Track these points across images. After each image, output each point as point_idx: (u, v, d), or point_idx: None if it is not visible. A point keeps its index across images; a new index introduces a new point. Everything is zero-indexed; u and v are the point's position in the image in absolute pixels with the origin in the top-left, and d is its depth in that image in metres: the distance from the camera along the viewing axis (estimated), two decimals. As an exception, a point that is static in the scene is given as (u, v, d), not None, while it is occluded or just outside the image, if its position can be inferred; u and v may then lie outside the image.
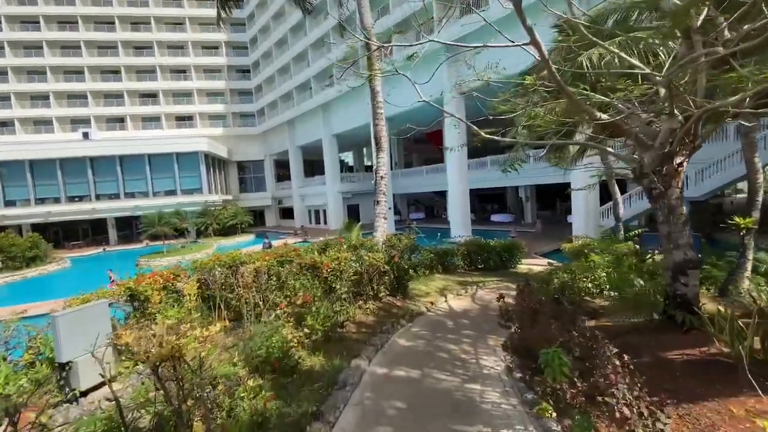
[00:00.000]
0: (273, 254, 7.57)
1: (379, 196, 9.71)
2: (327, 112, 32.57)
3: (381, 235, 9.69)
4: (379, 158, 9.89)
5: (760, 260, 9.45)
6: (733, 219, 9.15)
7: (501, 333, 6.89)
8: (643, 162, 5.11)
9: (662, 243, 5.20)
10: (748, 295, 8.82)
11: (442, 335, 6.77)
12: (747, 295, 8.84)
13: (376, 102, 9.86)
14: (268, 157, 43.81)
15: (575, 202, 19.50)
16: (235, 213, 35.93)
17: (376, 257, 7.74)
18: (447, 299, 9.09)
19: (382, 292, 8.40)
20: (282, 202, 42.68)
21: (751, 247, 8.82)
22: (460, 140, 22.48)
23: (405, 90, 19.65)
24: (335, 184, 33.19)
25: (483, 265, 12.86)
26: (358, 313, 7.57)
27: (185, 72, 45.33)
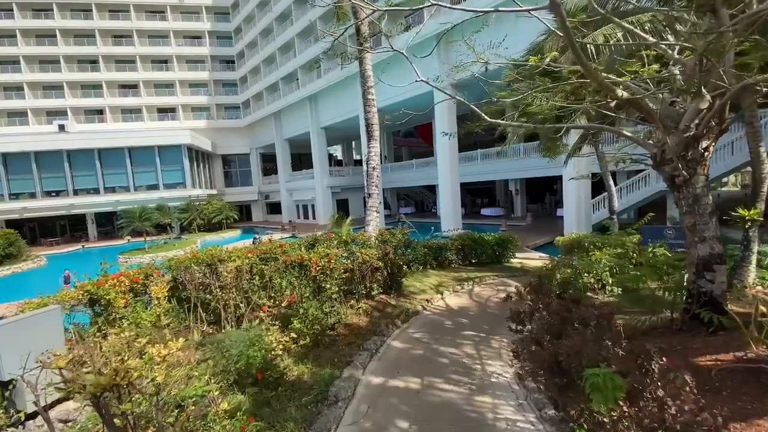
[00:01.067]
0: (257, 251, 6.89)
1: (371, 188, 9.08)
2: (315, 104, 31.61)
3: (373, 229, 9.08)
4: (370, 147, 9.24)
5: (764, 254, 9.15)
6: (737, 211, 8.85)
7: (504, 333, 6.38)
8: (665, 146, 4.59)
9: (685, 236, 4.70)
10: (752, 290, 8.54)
11: (441, 337, 6.22)
12: (751, 289, 8.56)
13: (367, 87, 9.19)
14: (254, 151, 42.55)
15: (567, 195, 19.20)
16: (220, 208, 34.79)
17: (369, 253, 7.14)
18: (443, 296, 8.56)
19: (375, 290, 7.82)
20: (269, 196, 41.57)
21: (756, 240, 8.51)
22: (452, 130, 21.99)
23: (395, 81, 18.91)
24: (324, 178, 32.35)
25: (476, 259, 12.42)
26: (349, 313, 6.97)
27: (167, 62, 43.59)
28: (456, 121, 22.19)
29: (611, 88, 4.20)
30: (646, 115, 4.52)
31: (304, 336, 5.60)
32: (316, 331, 5.84)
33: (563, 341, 2.85)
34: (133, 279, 5.64)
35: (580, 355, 2.47)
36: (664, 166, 4.68)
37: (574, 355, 2.48)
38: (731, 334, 4.28)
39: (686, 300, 4.76)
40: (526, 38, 10.92)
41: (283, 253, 6.79)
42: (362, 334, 6.29)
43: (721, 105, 4.17)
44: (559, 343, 2.88)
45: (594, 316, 2.84)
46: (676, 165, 4.51)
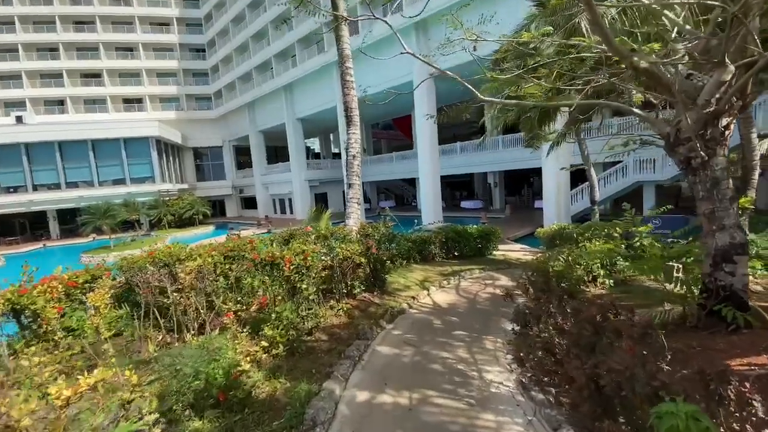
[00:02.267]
0: (222, 248, 6.05)
1: (352, 178, 8.33)
2: (290, 95, 30.34)
3: (354, 222, 8.37)
4: (349, 134, 8.47)
5: (753, 243, 9.01)
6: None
7: (497, 332, 5.85)
8: (680, 125, 4.07)
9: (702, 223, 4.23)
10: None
11: (430, 339, 5.60)
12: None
13: (345, 68, 8.38)
14: (227, 143, 40.72)
15: (546, 186, 19.03)
16: (191, 203, 33.08)
17: (351, 248, 6.42)
18: (429, 293, 7.96)
19: (358, 289, 7.12)
20: (244, 191, 39.95)
21: (746, 229, 8.34)
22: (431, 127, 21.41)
23: (374, 71, 18.17)
24: (301, 171, 31.21)
25: (459, 252, 11.94)
26: (329, 315, 6.25)
27: (132, 50, 40.97)
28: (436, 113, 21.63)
29: (627, 54, 3.63)
30: (662, 88, 3.99)
31: (277, 344, 4.85)
32: (291, 338, 5.10)
33: (601, 357, 2.27)
34: (68, 283, 4.72)
35: (632, 379, 1.91)
36: (678, 147, 4.17)
37: (626, 380, 1.91)
38: (756, 333, 3.85)
39: (701, 294, 4.30)
40: (510, 22, 10.41)
41: (252, 250, 5.97)
42: (344, 339, 5.59)
43: (748, 76, 3.67)
44: (593, 358, 2.29)
45: (630, 326, 2.27)
46: (693, 145, 4.01)
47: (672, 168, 17.54)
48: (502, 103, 5.50)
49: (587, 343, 2.40)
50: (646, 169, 18.39)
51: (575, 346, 2.42)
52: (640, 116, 4.56)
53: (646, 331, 2.23)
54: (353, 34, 22.54)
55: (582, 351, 2.41)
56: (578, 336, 2.42)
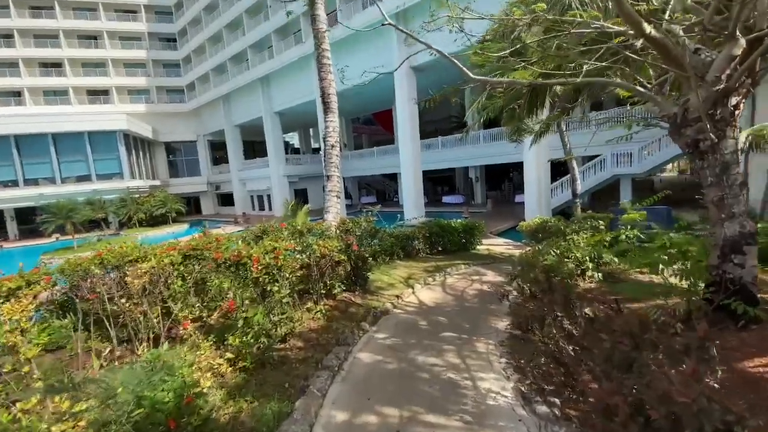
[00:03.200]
0: (183, 247, 5.37)
1: (331, 169, 7.74)
2: (267, 87, 29.21)
3: (334, 217, 7.79)
4: (328, 122, 7.86)
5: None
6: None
7: (487, 332, 5.43)
8: (688, 104, 3.71)
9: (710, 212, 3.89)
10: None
11: (417, 342, 5.13)
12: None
13: (321, 50, 7.74)
14: (201, 138, 39.07)
15: (528, 180, 18.94)
16: (163, 200, 31.50)
17: (329, 245, 5.86)
18: (414, 291, 7.49)
19: (337, 288, 6.58)
20: (220, 187, 38.47)
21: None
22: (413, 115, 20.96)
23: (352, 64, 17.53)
24: (280, 166, 30.18)
25: (443, 247, 11.57)
26: (306, 318, 5.69)
27: (96, 38, 38.62)
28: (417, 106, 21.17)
29: (638, 20, 3.21)
30: (671, 62, 3.60)
31: (245, 355, 4.26)
32: (261, 346, 4.52)
33: (638, 376, 1.84)
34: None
35: (700, 413, 1.49)
36: (685, 128, 3.81)
37: (692, 416, 1.48)
38: (766, 328, 3.55)
39: (707, 288, 3.97)
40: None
41: (216, 248, 5.32)
42: (322, 345, 5.05)
43: (761, 51, 3.32)
44: (631, 378, 1.87)
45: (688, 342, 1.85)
46: (702, 126, 3.64)
47: (648, 161, 17.77)
48: (494, 82, 5.07)
49: (622, 359, 1.98)
50: (623, 162, 18.54)
51: (606, 362, 1.99)
52: (644, 95, 4.19)
53: (702, 344, 1.80)
54: (331, 25, 21.81)
55: (614, 369, 1.98)
56: (611, 351, 2.00)
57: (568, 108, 8.89)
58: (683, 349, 1.89)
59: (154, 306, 4.80)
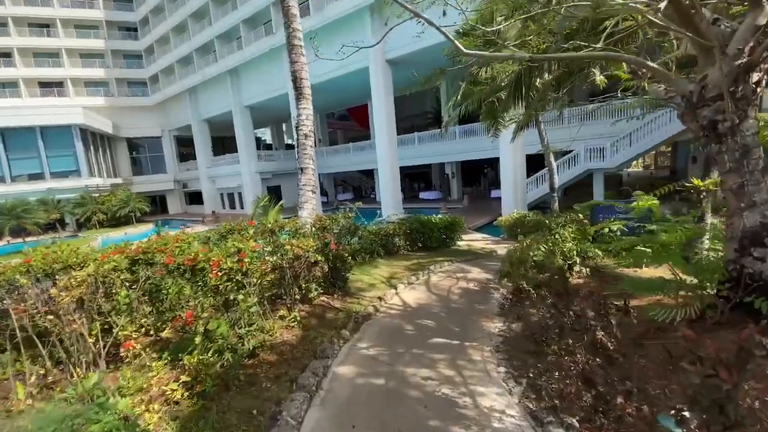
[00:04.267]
0: (132, 250, 4.55)
1: (305, 161, 7.02)
2: (237, 80, 27.75)
3: (309, 214, 7.10)
4: (300, 109, 7.12)
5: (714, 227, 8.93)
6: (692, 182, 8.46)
7: (479, 335, 4.94)
8: (706, 80, 3.30)
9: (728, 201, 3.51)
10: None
11: (405, 351, 4.56)
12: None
13: (292, 29, 6.99)
14: (167, 133, 36.85)
15: (504, 175, 18.81)
16: (125, 199, 29.49)
17: (304, 244, 5.17)
18: (398, 291, 6.92)
19: (314, 291, 5.91)
20: (187, 185, 36.45)
21: (709, 212, 8.18)
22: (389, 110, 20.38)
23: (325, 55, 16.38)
24: (251, 162, 28.82)
25: (423, 244, 11.09)
26: (278, 327, 4.99)
27: (49, 26, 35.59)
28: (393, 101, 20.62)
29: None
30: (692, 30, 3.17)
31: (204, 378, 3.55)
32: (226, 364, 3.83)
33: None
34: None
35: None
36: (702, 108, 3.41)
37: None
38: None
39: (722, 284, 3.61)
40: None
41: (174, 249, 4.53)
42: (297, 359, 4.39)
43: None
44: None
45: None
46: (721, 105, 3.24)
47: (620, 156, 18.00)
48: (489, 57, 4.55)
49: (714, 398, 1.50)
50: (596, 157, 18.72)
51: (692, 402, 1.51)
52: (655, 69, 3.77)
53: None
54: (304, 15, 20.80)
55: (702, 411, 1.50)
56: (701, 386, 1.51)
57: (554, 97, 8.57)
58: None
59: (94, 321, 3.99)
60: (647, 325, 3.84)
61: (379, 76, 19.55)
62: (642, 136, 17.27)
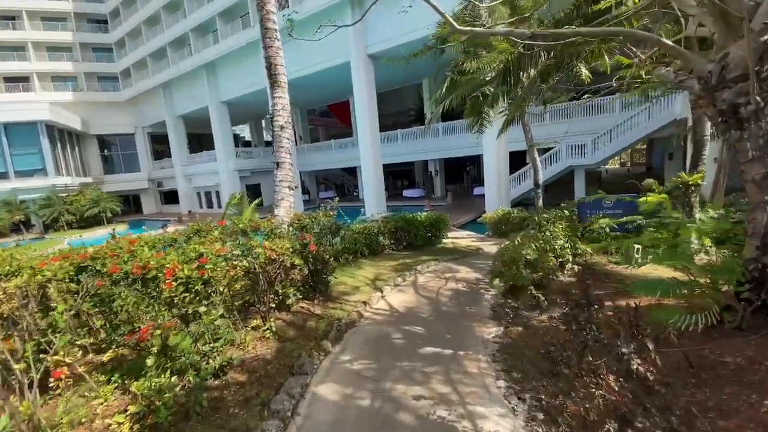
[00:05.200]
0: (80, 256, 3.87)
1: (281, 155, 6.42)
2: (213, 74, 26.58)
3: (286, 212, 6.51)
4: (276, 98, 6.51)
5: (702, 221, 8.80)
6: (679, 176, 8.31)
7: (473, 343, 4.50)
8: (727, 59, 2.92)
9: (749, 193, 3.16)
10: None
11: (393, 365, 4.06)
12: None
13: (266, 11, 6.36)
14: (140, 130, 35.12)
15: (488, 172, 18.56)
16: (95, 199, 27.91)
17: (279, 246, 4.59)
18: (384, 294, 6.41)
19: (292, 297, 5.35)
20: (162, 184, 34.84)
21: (697, 206, 8.03)
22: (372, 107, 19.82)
23: (306, 52, 15.98)
24: (229, 160, 27.72)
25: (408, 242, 10.63)
26: (251, 340, 4.42)
27: (14, 18, 33.32)
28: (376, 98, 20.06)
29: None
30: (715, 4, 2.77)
31: (158, 407, 2.96)
32: (186, 388, 3.25)
33: None
34: None
35: None
36: (722, 90, 3.02)
37: None
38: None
39: (742, 286, 3.26)
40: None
41: (126, 256, 3.88)
42: (271, 376, 3.83)
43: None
44: None
45: None
46: (745, 87, 2.87)
47: (600, 152, 18.03)
48: (487, 33, 4.10)
49: None
50: (577, 154, 18.72)
51: None
52: (669, 47, 3.38)
53: None
54: (282, 8, 19.96)
55: None
56: None
57: (544, 89, 8.26)
58: None
59: (26, 341, 3.32)
60: (653, 330, 3.48)
61: (361, 71, 18.97)
62: (621, 132, 17.35)
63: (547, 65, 7.95)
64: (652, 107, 16.56)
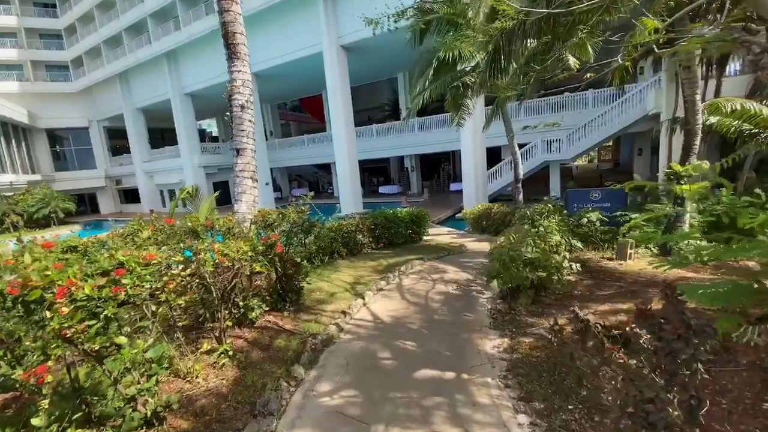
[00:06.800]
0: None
1: (242, 139, 5.38)
2: (175, 64, 24.54)
3: (249, 208, 5.48)
4: (234, 73, 5.45)
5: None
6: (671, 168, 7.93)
7: (479, 363, 3.71)
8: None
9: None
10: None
11: (383, 395, 3.19)
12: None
13: (222, -33, 5.27)
14: (95, 124, 32.18)
15: (466, 167, 18.01)
16: (44, 198, 25.24)
17: (234, 249, 3.58)
18: (366, 301, 5.52)
19: (256, 311, 4.36)
20: (121, 181, 32.11)
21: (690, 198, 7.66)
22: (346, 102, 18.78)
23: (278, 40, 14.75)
24: (194, 155, 25.78)
25: (388, 240, 9.81)
26: (200, 368, 3.42)
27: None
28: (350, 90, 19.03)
29: None
30: None
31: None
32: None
33: None
34: None
35: None
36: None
37: None
38: None
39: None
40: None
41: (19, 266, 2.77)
42: (225, 420, 2.87)
43: None
44: None
45: None
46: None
47: (576, 146, 17.90)
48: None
49: None
50: (553, 149, 18.53)
51: None
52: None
53: None
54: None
55: None
56: None
57: (533, 72, 7.65)
58: None
59: None
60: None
61: (334, 62, 17.88)
62: (596, 127, 17.26)
63: (537, 47, 7.39)
64: (626, 102, 16.54)
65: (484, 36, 7.70)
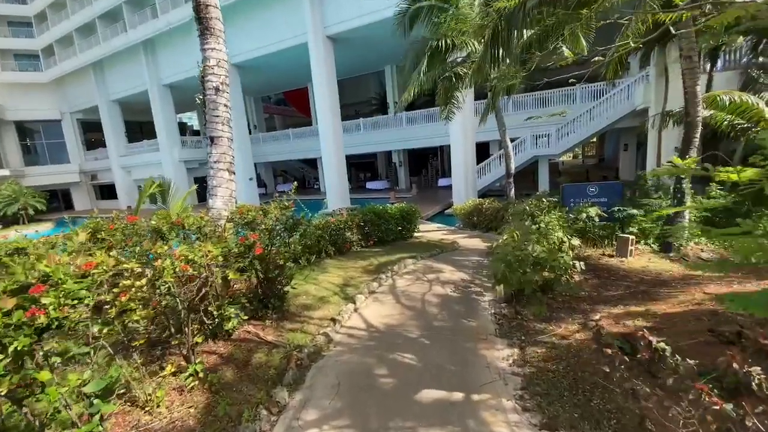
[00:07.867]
0: None
1: (216, 126, 4.73)
2: (153, 54, 23.25)
3: (225, 204, 4.85)
4: (207, 51, 4.78)
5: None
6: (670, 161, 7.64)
7: (491, 380, 3.24)
8: None
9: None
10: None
11: (383, 425, 2.68)
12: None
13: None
14: (68, 116, 30.40)
15: (455, 162, 17.61)
16: (12, 195, 23.70)
17: (199, 254, 2.97)
18: (357, 306, 4.98)
19: (232, 321, 3.77)
20: (97, 177, 30.49)
21: (689, 193, 7.39)
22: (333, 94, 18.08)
23: (260, 30, 13.89)
24: (174, 149, 24.59)
25: (378, 238, 9.29)
26: (163, 394, 2.83)
27: None
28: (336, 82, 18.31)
29: None
30: None
31: None
32: None
33: None
34: None
35: None
36: None
37: None
38: None
39: None
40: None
41: None
42: (188, 466, 2.30)
43: None
44: None
45: None
46: None
47: (563, 142, 17.69)
48: None
49: None
50: (541, 144, 18.29)
51: None
52: None
53: None
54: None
55: None
56: None
57: (539, 55, 7.22)
58: None
59: None
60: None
61: (320, 53, 17.12)
62: (585, 122, 17.07)
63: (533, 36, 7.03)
64: (613, 98, 16.40)
65: (481, 19, 7.22)
